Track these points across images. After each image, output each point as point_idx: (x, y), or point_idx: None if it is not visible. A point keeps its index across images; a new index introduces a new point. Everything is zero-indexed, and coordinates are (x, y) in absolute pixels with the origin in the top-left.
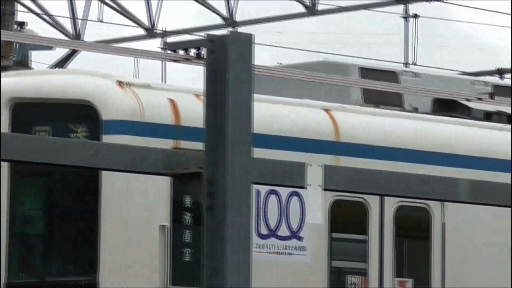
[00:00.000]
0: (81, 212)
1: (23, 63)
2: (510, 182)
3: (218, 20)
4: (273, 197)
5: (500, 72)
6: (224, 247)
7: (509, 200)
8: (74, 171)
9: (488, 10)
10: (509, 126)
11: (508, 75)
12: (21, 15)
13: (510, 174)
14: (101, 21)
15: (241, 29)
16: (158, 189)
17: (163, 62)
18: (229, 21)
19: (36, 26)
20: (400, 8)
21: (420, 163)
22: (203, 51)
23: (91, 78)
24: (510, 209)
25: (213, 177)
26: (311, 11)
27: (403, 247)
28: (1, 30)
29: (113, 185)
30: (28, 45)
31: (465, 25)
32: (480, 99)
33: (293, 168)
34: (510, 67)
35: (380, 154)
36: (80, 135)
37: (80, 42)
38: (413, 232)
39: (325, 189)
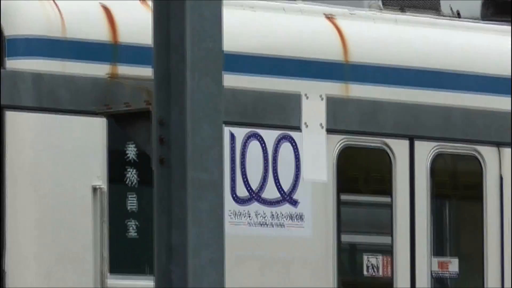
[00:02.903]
0: None
1: None
2: None
3: None
4: (254, 144)
5: None
6: (184, 218)
7: None
8: None
9: None
10: None
11: None
12: None
13: None
14: None
15: None
16: (88, 135)
17: None
18: None
19: None
20: None
21: (467, 91)
22: None
23: None
24: None
25: (167, 116)
26: None
27: (443, 213)
28: None
29: (23, 131)
30: None
31: None
32: None
33: (283, 101)
34: None
35: (408, 79)
36: None
37: None
38: (458, 192)
39: (329, 131)
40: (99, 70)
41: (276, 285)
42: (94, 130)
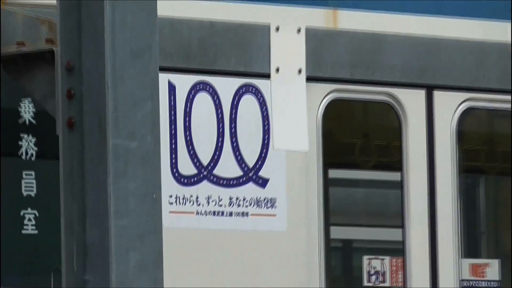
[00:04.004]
0: None
1: None
2: None
3: None
4: (204, 98)
5: None
6: (104, 205)
7: None
8: None
9: None
10: None
11: None
12: None
13: None
14: None
15: None
16: None
17: None
18: None
19: None
20: None
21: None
22: None
23: None
24: None
25: (78, 60)
26: None
27: (476, 195)
28: None
29: None
30: None
31: None
32: None
33: (244, 36)
34: None
35: (422, 4)
36: None
37: None
38: (498, 163)
39: (311, 79)
40: None
41: None
42: None
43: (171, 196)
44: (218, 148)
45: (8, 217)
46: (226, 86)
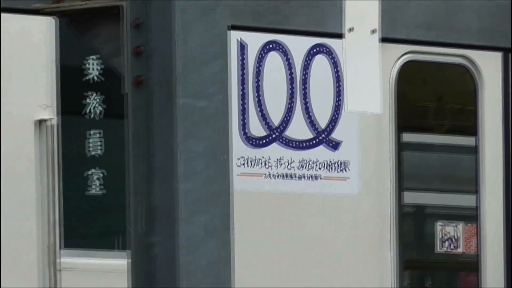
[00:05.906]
0: None
1: None
2: None
3: None
4: (275, 58)
5: None
6: (172, 166)
7: None
8: None
9: None
10: None
11: None
12: None
13: None
14: None
15: None
16: (29, 43)
17: None
18: None
19: None
20: None
21: None
22: None
23: None
24: None
25: (146, 16)
26: None
27: None
28: None
29: None
30: None
31: None
32: None
33: None
34: None
35: None
36: None
37: None
38: None
39: (385, 39)
40: None
41: (306, 266)
42: (39, 36)
43: (240, 158)
44: (289, 109)
45: (73, 178)
46: (298, 46)
